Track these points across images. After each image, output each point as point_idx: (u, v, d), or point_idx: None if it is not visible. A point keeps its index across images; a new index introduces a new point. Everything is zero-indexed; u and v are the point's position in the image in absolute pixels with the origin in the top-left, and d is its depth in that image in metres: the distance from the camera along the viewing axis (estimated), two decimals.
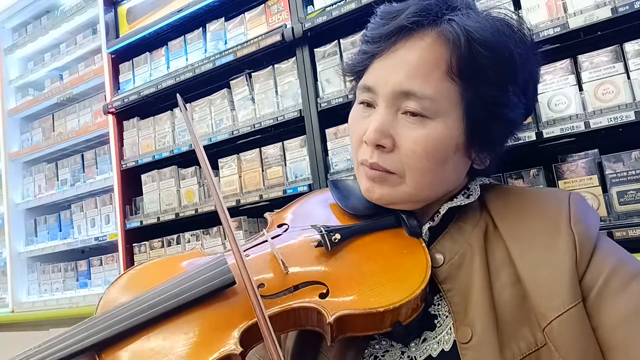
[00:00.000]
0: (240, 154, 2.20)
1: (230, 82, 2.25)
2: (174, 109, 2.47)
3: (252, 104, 2.17)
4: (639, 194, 1.35)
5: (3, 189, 3.21)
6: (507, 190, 0.78)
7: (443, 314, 0.70)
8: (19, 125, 3.33)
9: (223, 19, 2.32)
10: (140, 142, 2.56)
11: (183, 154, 2.41)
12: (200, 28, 2.40)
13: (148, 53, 2.57)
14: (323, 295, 0.66)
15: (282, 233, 0.79)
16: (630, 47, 1.38)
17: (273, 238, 0.77)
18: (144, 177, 2.52)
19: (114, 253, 2.68)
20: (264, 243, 0.76)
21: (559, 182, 1.47)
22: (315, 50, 1.96)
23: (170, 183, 2.42)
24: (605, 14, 1.38)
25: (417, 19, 0.71)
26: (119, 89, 2.68)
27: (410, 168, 0.71)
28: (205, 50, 2.37)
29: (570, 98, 1.44)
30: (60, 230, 3.01)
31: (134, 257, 2.52)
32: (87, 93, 2.99)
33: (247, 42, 2.17)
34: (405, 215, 0.76)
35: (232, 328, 0.63)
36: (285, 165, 2.05)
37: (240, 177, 2.19)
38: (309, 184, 1.95)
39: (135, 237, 2.55)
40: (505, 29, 0.72)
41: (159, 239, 2.45)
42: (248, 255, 0.74)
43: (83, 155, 2.93)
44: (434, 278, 0.71)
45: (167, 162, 2.48)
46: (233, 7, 2.34)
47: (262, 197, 2.09)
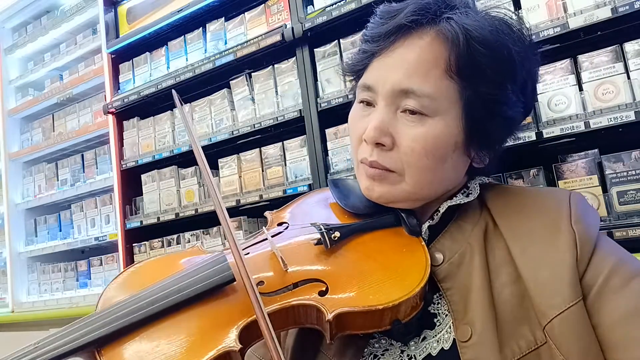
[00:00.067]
0: (240, 154, 2.20)
1: (230, 82, 2.25)
2: (174, 109, 2.47)
3: (252, 104, 2.17)
4: (639, 194, 1.35)
5: (3, 189, 3.20)
6: (507, 190, 0.78)
7: (442, 313, 0.70)
8: (19, 125, 3.32)
9: (223, 19, 2.32)
10: (140, 142, 2.55)
11: (183, 154, 2.41)
12: (200, 28, 2.40)
13: (148, 53, 2.57)
14: (322, 293, 0.67)
15: (282, 231, 0.79)
16: (630, 47, 1.38)
17: (273, 236, 0.77)
18: (144, 177, 2.52)
19: (114, 253, 2.68)
20: (264, 241, 0.76)
21: (559, 182, 1.47)
22: (315, 50, 1.95)
23: (170, 183, 2.42)
24: (605, 14, 1.38)
25: (415, 18, 0.71)
26: (119, 89, 2.68)
27: (410, 166, 0.71)
28: (205, 50, 2.37)
29: (570, 98, 1.44)
30: (60, 230, 3.00)
31: (134, 257, 2.52)
32: (87, 93, 2.99)
33: (247, 42, 2.17)
34: (405, 214, 0.76)
35: (231, 325, 0.63)
36: (285, 165, 2.05)
37: (240, 177, 2.19)
38: (309, 184, 1.94)
39: (135, 237, 2.55)
40: (504, 28, 0.72)
41: (159, 239, 2.45)
42: (248, 253, 0.74)
43: (83, 155, 2.93)
44: (434, 277, 0.71)
45: (167, 162, 2.47)
46: (233, 7, 2.34)
47: (262, 197, 2.08)
